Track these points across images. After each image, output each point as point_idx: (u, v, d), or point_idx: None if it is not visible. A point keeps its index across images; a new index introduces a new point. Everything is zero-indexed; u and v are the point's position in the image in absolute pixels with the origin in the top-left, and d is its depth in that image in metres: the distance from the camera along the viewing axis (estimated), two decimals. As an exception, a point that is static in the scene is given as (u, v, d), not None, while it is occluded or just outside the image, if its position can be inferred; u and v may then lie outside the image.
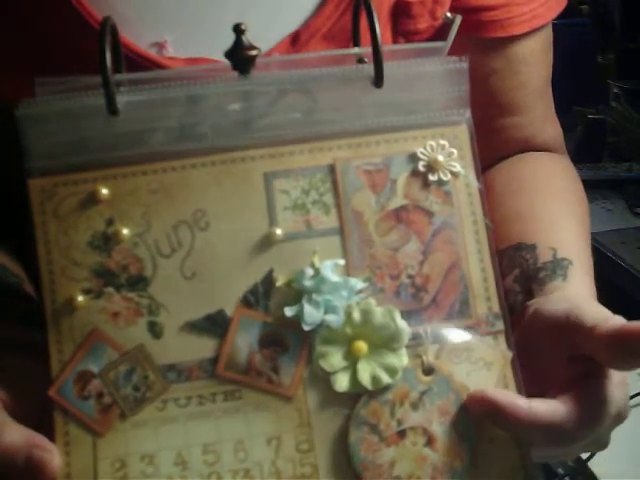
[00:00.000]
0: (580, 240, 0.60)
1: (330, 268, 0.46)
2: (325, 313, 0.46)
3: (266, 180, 0.47)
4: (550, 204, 0.63)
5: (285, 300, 0.46)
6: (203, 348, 0.46)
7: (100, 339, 0.45)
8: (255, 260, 0.47)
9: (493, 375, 0.47)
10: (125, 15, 0.55)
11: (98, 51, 0.45)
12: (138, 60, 0.55)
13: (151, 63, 0.56)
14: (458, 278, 0.48)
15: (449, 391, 0.46)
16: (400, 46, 0.61)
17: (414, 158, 0.49)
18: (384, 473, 0.45)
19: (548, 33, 0.70)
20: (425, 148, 0.49)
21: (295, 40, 0.59)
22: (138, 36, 0.56)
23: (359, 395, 0.46)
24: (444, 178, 0.49)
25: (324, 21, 0.59)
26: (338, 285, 0.46)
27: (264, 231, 0.47)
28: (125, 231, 0.46)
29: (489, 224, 0.49)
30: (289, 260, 0.47)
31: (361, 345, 0.46)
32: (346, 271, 0.47)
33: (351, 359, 0.46)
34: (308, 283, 0.46)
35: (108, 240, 0.46)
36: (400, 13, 0.62)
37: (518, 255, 0.57)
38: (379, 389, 0.46)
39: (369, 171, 0.48)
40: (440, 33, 0.63)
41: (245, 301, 0.46)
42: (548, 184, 0.66)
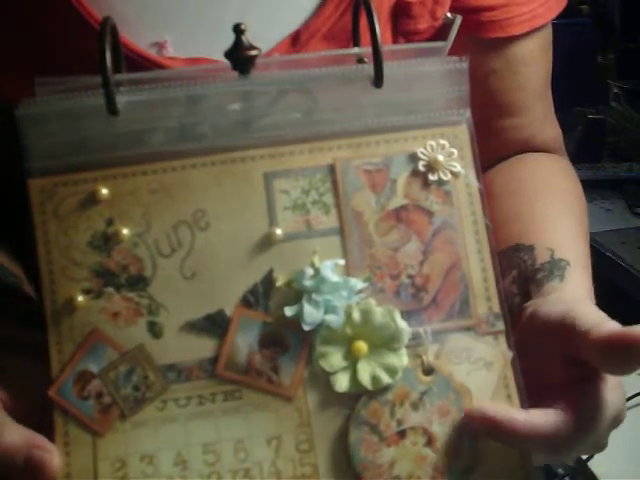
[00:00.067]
0: (578, 240, 0.60)
1: (330, 268, 0.46)
2: (325, 313, 0.46)
3: (266, 180, 0.47)
4: (549, 205, 0.63)
5: (285, 300, 0.46)
6: (203, 348, 0.46)
7: (100, 339, 0.45)
8: (255, 260, 0.47)
9: (493, 375, 0.47)
10: (125, 15, 0.55)
11: (98, 51, 0.45)
12: (138, 60, 0.55)
13: (151, 63, 0.56)
14: (458, 278, 0.48)
15: (449, 391, 0.46)
16: (400, 46, 0.60)
17: (414, 158, 0.49)
18: (384, 473, 0.45)
19: (548, 33, 0.70)
20: (425, 148, 0.49)
21: (295, 40, 0.59)
22: (138, 36, 0.56)
23: (359, 395, 0.46)
24: (444, 178, 0.49)
25: (324, 21, 0.59)
26: (338, 285, 0.46)
27: (264, 231, 0.47)
28: (125, 231, 0.46)
29: (489, 224, 0.49)
30: (289, 260, 0.47)
31: (361, 345, 0.46)
32: (346, 271, 0.47)
33: (351, 359, 0.46)
34: (308, 283, 0.46)
35: (108, 240, 0.46)
36: (400, 13, 0.62)
37: (516, 256, 0.57)
38: (379, 389, 0.46)
39: (369, 171, 0.48)
40: (440, 33, 0.63)
41: (245, 301, 0.46)
42: (547, 185, 0.66)
